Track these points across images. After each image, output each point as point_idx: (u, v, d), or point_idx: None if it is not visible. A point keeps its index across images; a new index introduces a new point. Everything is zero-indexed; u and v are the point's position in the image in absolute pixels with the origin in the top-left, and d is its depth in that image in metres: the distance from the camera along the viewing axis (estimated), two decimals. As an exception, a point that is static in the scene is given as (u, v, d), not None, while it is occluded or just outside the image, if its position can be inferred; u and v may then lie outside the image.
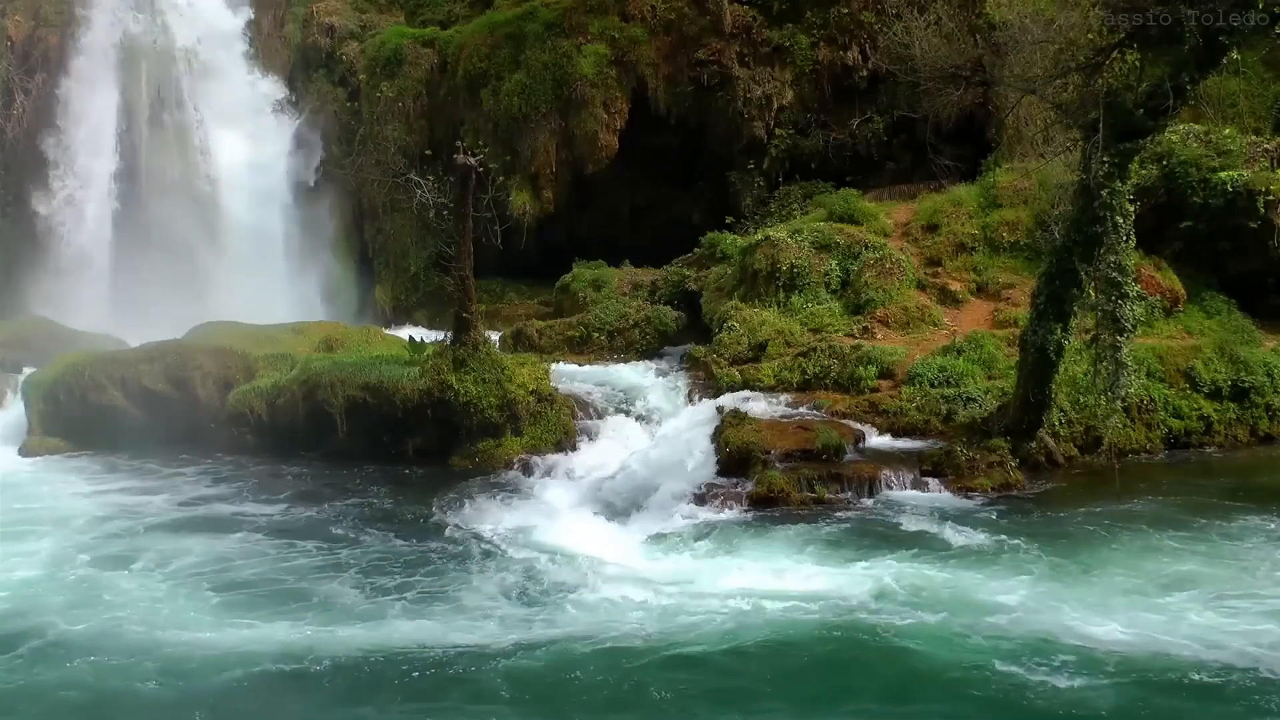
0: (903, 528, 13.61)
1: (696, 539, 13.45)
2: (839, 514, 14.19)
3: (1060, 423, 16.27)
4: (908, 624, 10.71)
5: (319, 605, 11.59)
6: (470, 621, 11.10)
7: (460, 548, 13.42)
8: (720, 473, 15.46)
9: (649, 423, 17.96)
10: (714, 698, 9.50)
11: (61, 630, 10.99)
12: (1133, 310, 14.31)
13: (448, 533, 14.04)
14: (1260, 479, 15.78)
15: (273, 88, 30.45)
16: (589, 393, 19.00)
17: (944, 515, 13.92)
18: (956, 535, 13.21)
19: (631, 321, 22.23)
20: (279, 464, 17.64)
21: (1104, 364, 14.53)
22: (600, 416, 18.25)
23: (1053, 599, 11.22)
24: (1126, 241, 14.19)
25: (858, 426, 16.65)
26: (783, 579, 11.99)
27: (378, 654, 10.32)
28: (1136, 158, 14.45)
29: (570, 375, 19.83)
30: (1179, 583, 11.58)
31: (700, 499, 14.72)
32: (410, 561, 12.94)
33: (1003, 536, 13.09)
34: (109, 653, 10.43)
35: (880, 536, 13.28)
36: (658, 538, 13.58)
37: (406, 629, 10.94)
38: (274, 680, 9.90)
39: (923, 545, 12.93)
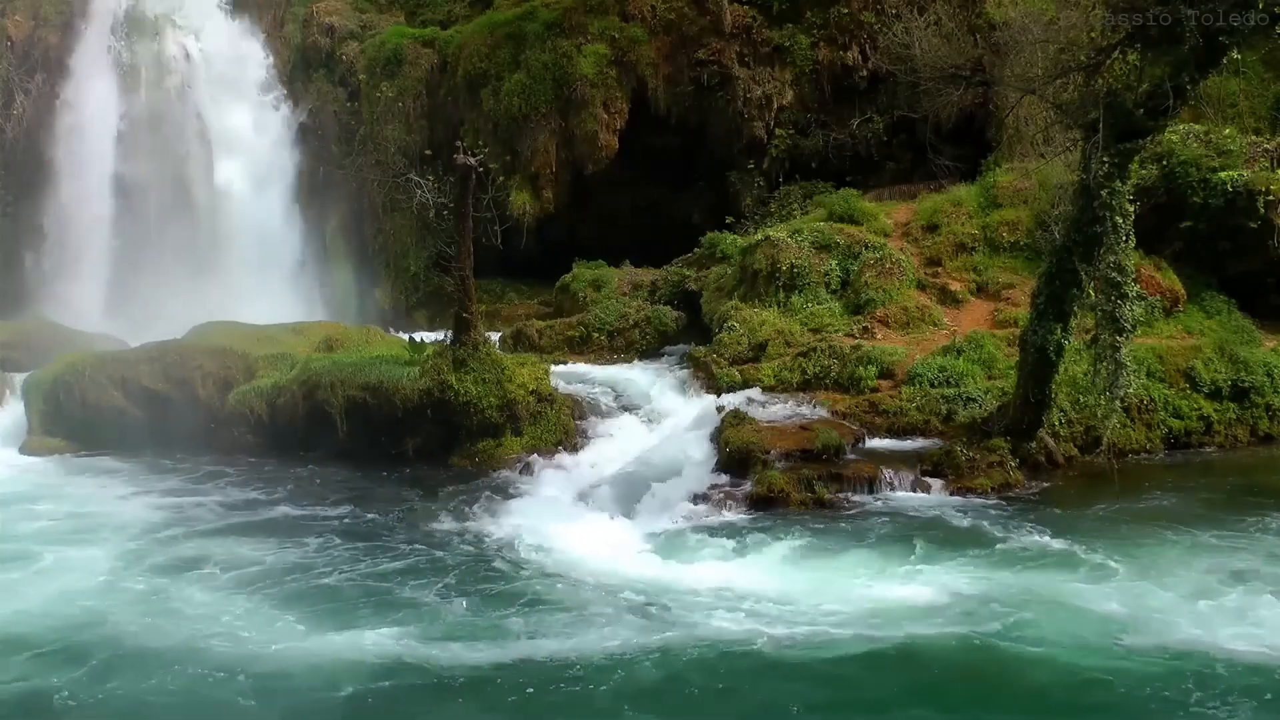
0: (934, 528, 13.50)
1: (698, 539, 13.44)
2: (847, 514, 14.17)
3: (1060, 423, 16.28)
4: (1007, 629, 10.41)
5: (402, 612, 11.31)
6: (505, 627, 10.92)
7: (466, 549, 13.38)
8: (720, 472, 15.46)
9: (649, 423, 17.96)
10: (849, 709, 9.32)
11: (141, 642, 10.64)
12: (1133, 310, 14.31)
13: (450, 534, 14.01)
14: (1264, 478, 15.81)
15: (273, 87, 30.45)
16: (589, 393, 19.00)
17: (961, 515, 13.91)
18: (998, 536, 13.09)
19: (631, 321, 22.24)
20: (281, 464, 17.61)
21: (1104, 364, 14.54)
22: (600, 416, 18.25)
23: (1138, 599, 11.03)
24: (1126, 241, 14.20)
25: (857, 426, 16.66)
26: (837, 585, 11.75)
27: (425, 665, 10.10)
28: (1136, 158, 14.46)
29: (570, 375, 19.83)
30: (1239, 579, 11.48)
31: (700, 499, 14.71)
32: (428, 568, 12.80)
33: (1040, 537, 12.97)
34: (198, 665, 10.09)
35: (911, 537, 13.11)
36: (661, 538, 13.57)
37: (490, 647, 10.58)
38: (385, 694, 9.59)
39: (968, 546, 12.77)
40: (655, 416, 18.10)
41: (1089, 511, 14.03)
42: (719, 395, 17.84)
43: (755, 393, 17.78)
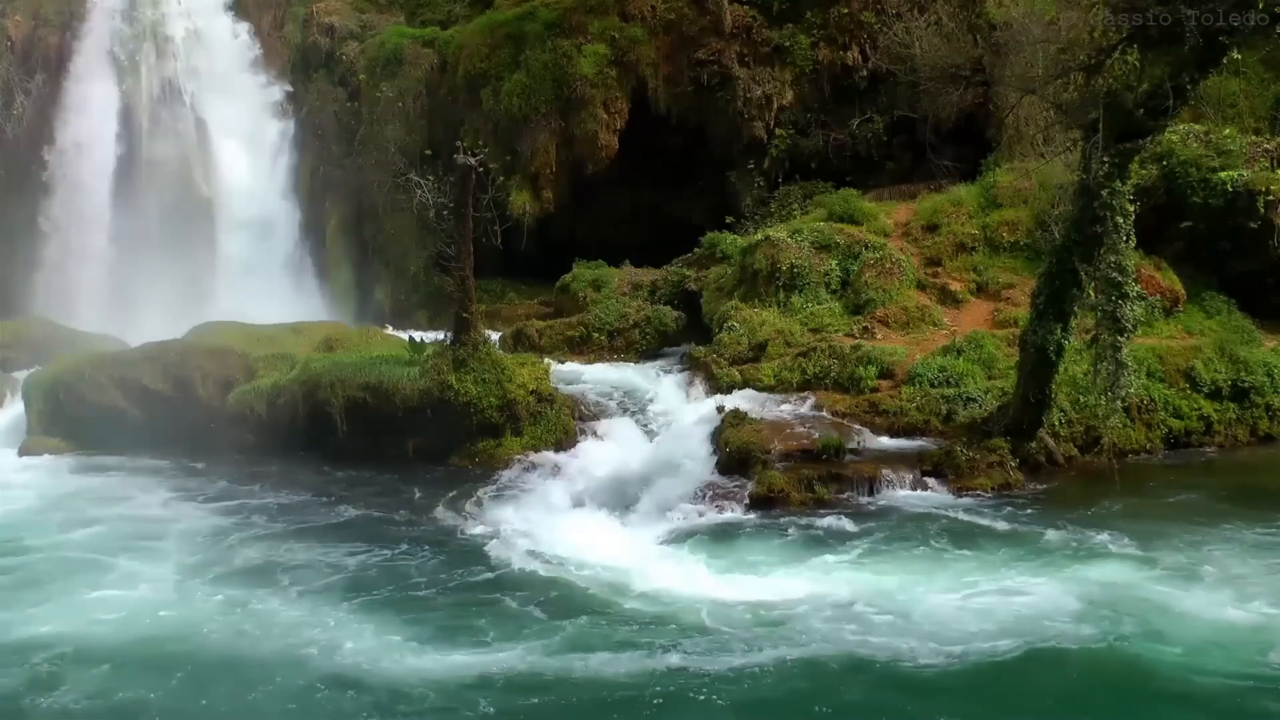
0: (957, 529, 13.49)
1: (700, 539, 13.44)
2: (849, 514, 14.15)
3: (1060, 423, 16.26)
4: (1118, 632, 10.32)
5: (420, 619, 11.24)
6: (519, 633, 10.85)
7: (469, 551, 13.40)
8: (720, 473, 15.46)
9: (649, 423, 17.95)
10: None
11: (230, 652, 10.50)
12: (1133, 310, 14.30)
13: (454, 535, 14.05)
14: (1266, 478, 15.88)
15: (273, 87, 30.45)
16: (589, 393, 19.00)
17: (979, 515, 13.95)
18: (1030, 534, 13.12)
19: (631, 321, 22.23)
20: (282, 465, 17.61)
21: (1104, 364, 14.52)
22: (600, 416, 18.25)
23: (1220, 599, 11.00)
24: (1126, 241, 14.19)
25: (857, 427, 16.65)
26: (895, 591, 11.62)
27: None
28: (1136, 158, 14.45)
29: (570, 375, 19.82)
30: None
31: (701, 499, 14.72)
32: (443, 573, 12.80)
33: (1082, 535, 13.00)
34: (306, 681, 9.85)
35: (939, 538, 13.10)
36: (662, 539, 13.59)
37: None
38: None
39: (1002, 546, 12.76)
40: (655, 417, 18.09)
41: (1112, 509, 14.05)
42: (719, 395, 17.83)
43: (755, 393, 17.77)
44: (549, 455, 17.10)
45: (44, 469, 18.00)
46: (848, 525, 13.73)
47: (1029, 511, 14.14)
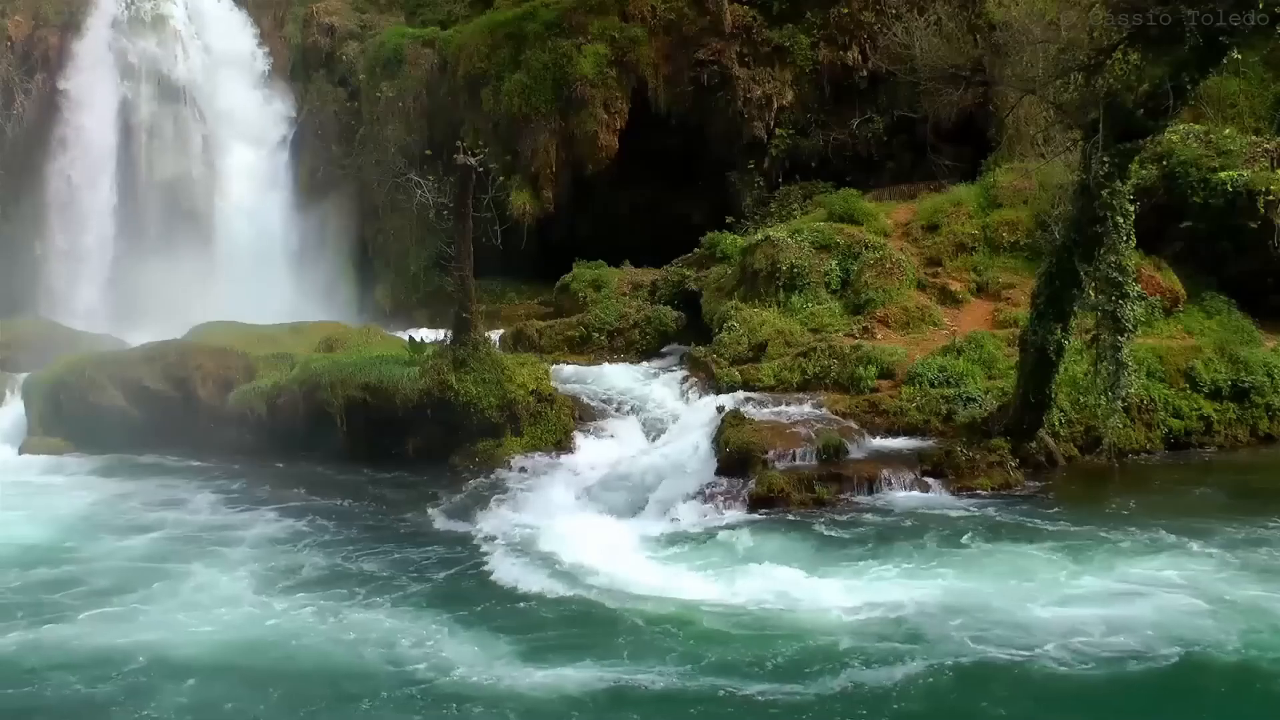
0: (988, 529, 13.43)
1: (702, 540, 13.43)
2: (849, 514, 14.16)
3: (1060, 423, 16.27)
4: (1218, 637, 10.19)
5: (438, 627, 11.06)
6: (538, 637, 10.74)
7: (471, 552, 13.37)
8: (720, 473, 15.44)
9: (649, 423, 17.95)
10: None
11: (322, 665, 10.25)
12: (1133, 310, 14.30)
13: (456, 536, 14.03)
14: (1267, 477, 15.91)
15: (273, 87, 30.46)
16: (589, 393, 19.00)
17: (996, 514, 13.95)
18: (1063, 534, 13.08)
19: (631, 321, 22.23)
20: (283, 465, 17.63)
21: (1104, 364, 14.53)
22: (600, 417, 18.24)
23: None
24: (1127, 241, 14.19)
25: (857, 427, 16.64)
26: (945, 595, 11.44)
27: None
28: (1136, 158, 14.46)
29: (570, 375, 19.82)
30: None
31: (701, 499, 14.72)
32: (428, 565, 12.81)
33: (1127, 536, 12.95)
34: (430, 700, 9.56)
35: (972, 540, 13.00)
36: (663, 539, 13.57)
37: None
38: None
39: (1035, 545, 12.71)
40: (655, 417, 18.08)
41: (1126, 506, 14.08)
42: (719, 395, 17.83)
43: (755, 393, 17.77)
44: (549, 455, 17.08)
45: (59, 470, 17.94)
46: (859, 528, 13.66)
47: (1051, 510, 14.11)
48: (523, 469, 16.68)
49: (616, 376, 19.88)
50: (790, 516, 14.20)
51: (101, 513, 15.37)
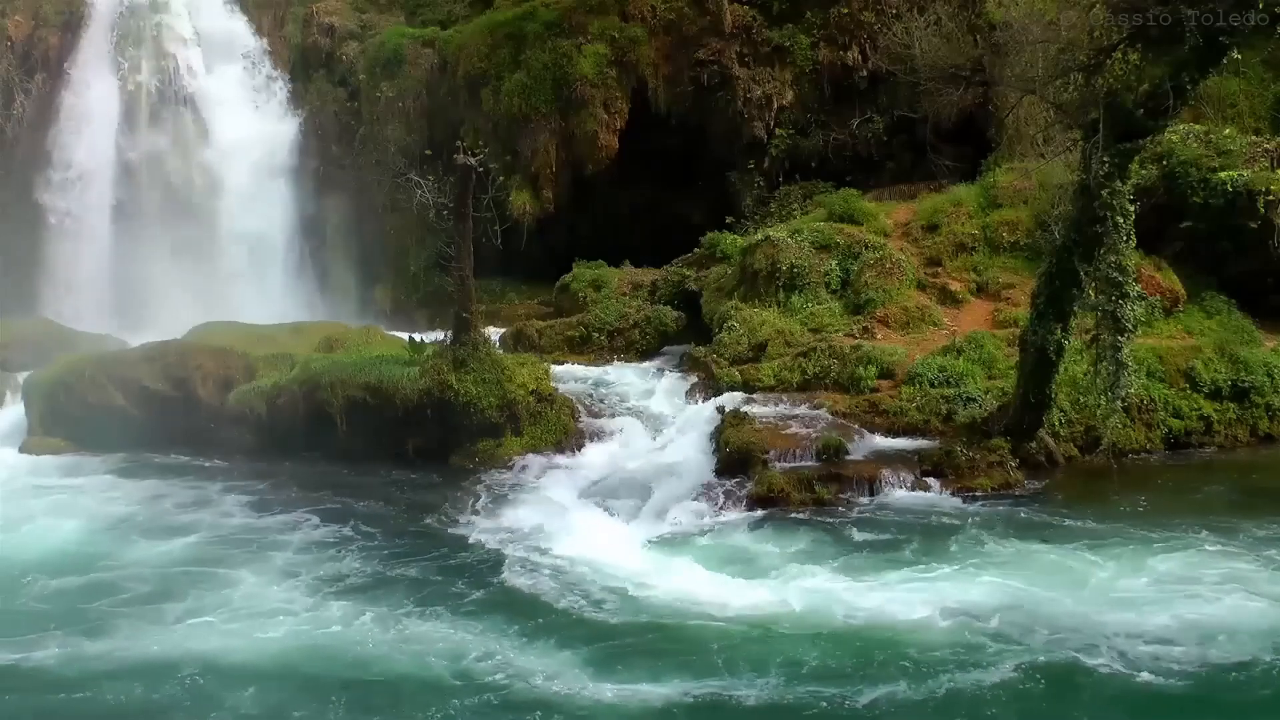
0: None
1: (703, 540, 13.45)
2: (850, 514, 14.17)
3: (1060, 423, 16.27)
4: None
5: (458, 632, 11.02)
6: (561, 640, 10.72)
7: (476, 552, 13.38)
8: (720, 473, 15.46)
9: (649, 423, 17.95)
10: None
11: (385, 672, 10.13)
12: (1133, 310, 14.30)
13: (461, 538, 14.01)
14: (1267, 477, 15.89)
15: (273, 87, 30.46)
16: (589, 393, 19.01)
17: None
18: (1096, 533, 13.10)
19: (631, 321, 22.23)
20: (284, 465, 17.58)
21: (1104, 364, 14.53)
22: (600, 416, 18.25)
23: None
24: (1127, 241, 14.19)
25: (857, 427, 16.64)
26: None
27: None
28: (1136, 158, 14.44)
29: (570, 375, 19.82)
30: None
31: (701, 499, 14.72)
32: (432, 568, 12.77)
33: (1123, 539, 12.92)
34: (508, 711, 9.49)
35: (1004, 542, 12.92)
36: (663, 539, 13.58)
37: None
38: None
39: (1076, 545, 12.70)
40: (656, 417, 18.09)
41: (1141, 505, 14.13)
42: (719, 395, 17.83)
43: (755, 393, 17.77)
44: (549, 455, 17.08)
45: (77, 471, 17.77)
46: (866, 525, 13.70)
47: (1064, 510, 14.12)
48: (523, 469, 16.69)
49: (616, 376, 19.89)
50: (794, 516, 14.19)
51: (131, 514, 15.25)
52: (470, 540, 13.86)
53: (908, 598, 11.42)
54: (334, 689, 9.87)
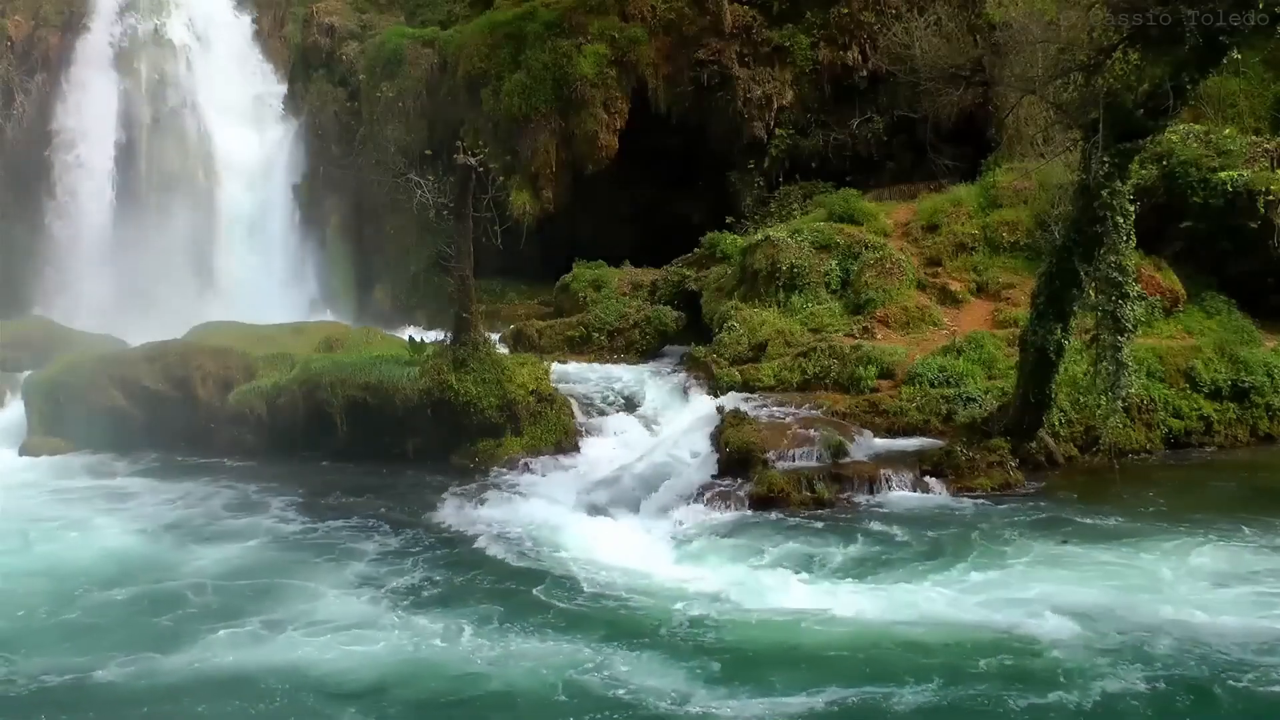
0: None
1: (705, 540, 13.39)
2: (850, 514, 14.15)
3: (1060, 423, 16.27)
4: None
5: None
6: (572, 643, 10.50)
7: (479, 553, 13.30)
8: (720, 473, 15.45)
9: (649, 423, 17.96)
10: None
11: (493, 684, 9.75)
12: (1133, 310, 14.29)
13: (464, 538, 13.94)
14: (1268, 477, 15.90)
15: (273, 87, 30.48)
16: (589, 393, 19.00)
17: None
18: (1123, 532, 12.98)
19: (631, 321, 22.24)
20: (284, 465, 17.59)
21: (1104, 364, 14.52)
22: (600, 416, 18.26)
23: None
24: (1127, 241, 14.18)
25: (857, 426, 16.64)
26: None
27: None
28: (1136, 158, 14.45)
29: (570, 375, 19.82)
30: None
31: (701, 499, 14.71)
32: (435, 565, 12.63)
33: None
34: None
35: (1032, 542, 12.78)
36: (663, 539, 13.56)
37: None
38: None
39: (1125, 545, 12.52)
40: (655, 416, 18.10)
41: (1157, 504, 14.04)
42: (719, 395, 17.84)
43: (755, 393, 17.78)
44: (549, 455, 17.09)
45: (101, 472, 17.72)
46: (875, 525, 13.61)
47: (1082, 509, 14.02)
48: (523, 469, 16.68)
49: (616, 376, 19.88)
50: (796, 515, 14.14)
51: (179, 518, 15.02)
52: (473, 542, 13.79)
53: (965, 599, 11.22)
54: (437, 704, 9.54)
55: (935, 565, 12.27)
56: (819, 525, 13.77)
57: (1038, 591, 11.34)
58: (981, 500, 14.62)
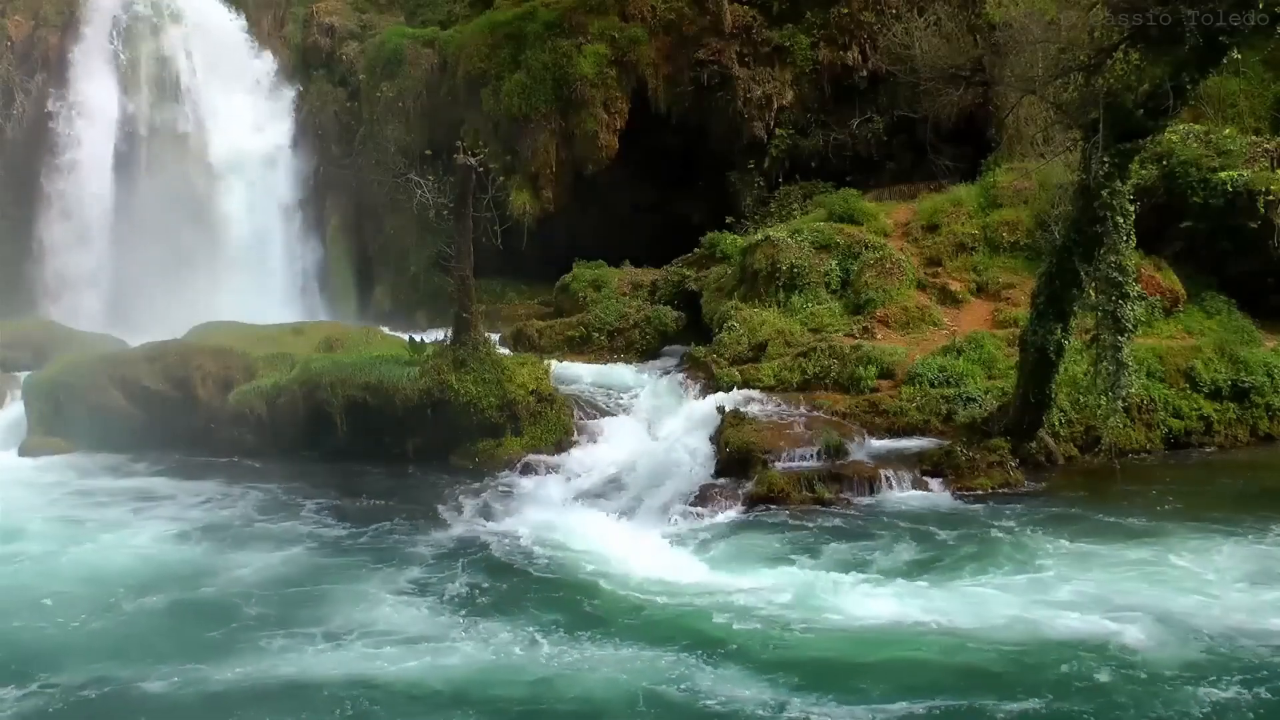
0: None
1: (706, 540, 13.40)
2: (850, 513, 14.14)
3: (1060, 423, 16.27)
4: None
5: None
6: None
7: (482, 554, 13.25)
8: (720, 473, 15.47)
9: (649, 423, 17.94)
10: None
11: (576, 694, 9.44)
12: (1133, 310, 14.30)
13: (467, 538, 13.93)
14: (1268, 477, 15.88)
15: (273, 88, 30.46)
16: (589, 393, 18.99)
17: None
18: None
19: (631, 321, 22.23)
20: (285, 465, 17.57)
21: (1104, 364, 14.52)
22: (600, 416, 18.25)
23: None
24: (1127, 241, 14.19)
25: (858, 426, 16.64)
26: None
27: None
28: (1136, 158, 14.45)
29: (570, 375, 19.81)
30: None
31: (701, 499, 14.71)
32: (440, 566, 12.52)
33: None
34: None
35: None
36: (664, 538, 13.56)
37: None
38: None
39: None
40: (655, 416, 18.08)
41: (1172, 504, 14.02)
42: (719, 395, 17.83)
43: (755, 393, 17.77)
44: (549, 455, 17.08)
45: (120, 472, 17.61)
46: (885, 525, 13.58)
47: (1096, 507, 14.02)
48: (523, 469, 16.67)
49: (616, 376, 19.88)
50: (791, 516, 14.14)
51: (213, 520, 14.80)
52: (476, 542, 13.79)
53: (1024, 600, 11.03)
54: (518, 714, 9.30)
55: (978, 566, 12.12)
56: (832, 524, 13.72)
57: (1091, 592, 11.14)
58: (985, 501, 14.60)
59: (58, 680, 9.84)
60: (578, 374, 20.02)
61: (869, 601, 11.29)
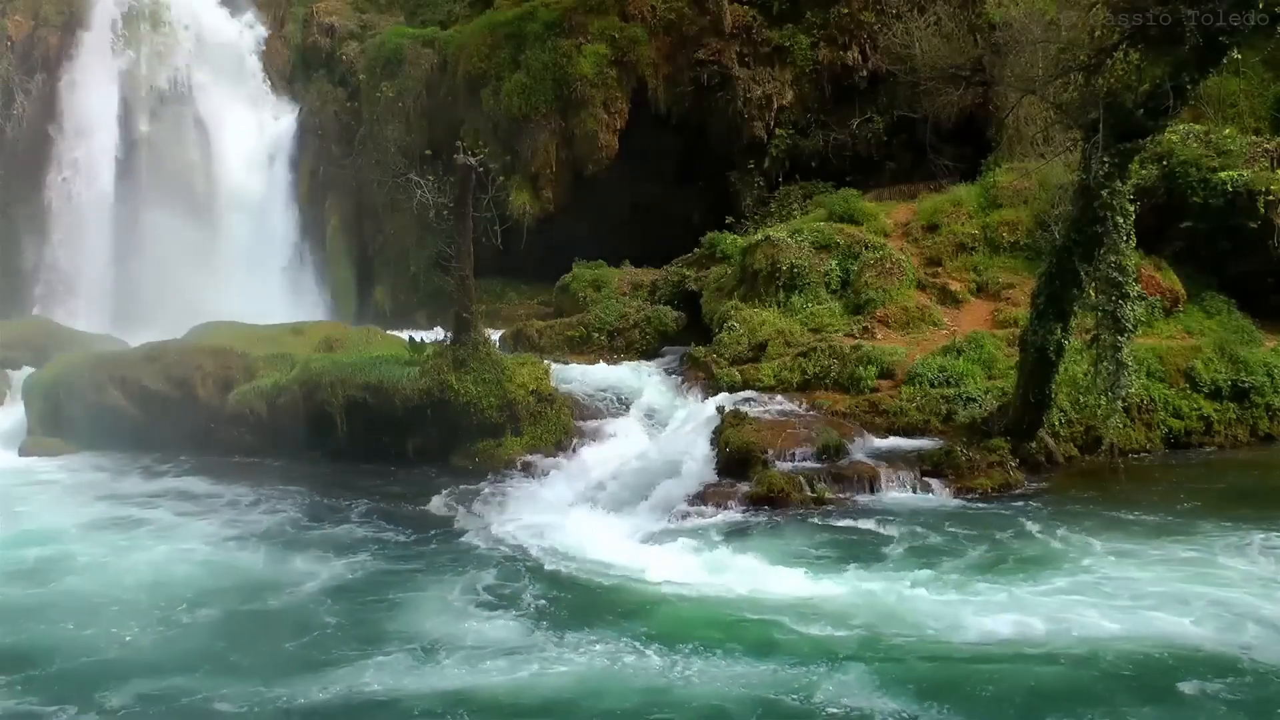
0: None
1: (706, 540, 13.32)
2: (850, 513, 14.11)
3: (1060, 423, 16.27)
4: None
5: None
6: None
7: (485, 554, 13.16)
8: (720, 473, 15.44)
9: (649, 423, 17.94)
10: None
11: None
12: (1133, 310, 14.29)
13: (462, 536, 13.88)
14: (1268, 477, 15.86)
15: (273, 89, 30.48)
16: (589, 393, 18.99)
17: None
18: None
19: (631, 321, 22.23)
20: (285, 465, 17.60)
21: (1104, 364, 14.51)
22: (600, 416, 18.24)
23: None
24: (1127, 241, 14.18)
25: (858, 426, 16.63)
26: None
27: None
28: (1136, 158, 14.44)
29: (570, 375, 19.81)
30: None
31: (701, 499, 14.70)
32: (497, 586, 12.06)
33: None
34: None
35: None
36: (664, 538, 13.53)
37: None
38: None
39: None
40: (655, 416, 18.08)
41: (1187, 505, 13.92)
42: (719, 395, 17.83)
43: (755, 393, 17.76)
44: (549, 455, 17.09)
45: (147, 473, 17.54)
46: (893, 525, 13.47)
47: (1106, 505, 13.93)
48: (523, 469, 16.68)
49: (616, 376, 19.86)
50: (792, 516, 14.13)
51: (262, 526, 14.47)
52: (478, 542, 13.76)
53: (1068, 600, 10.80)
54: None
55: (1015, 567, 11.80)
56: (843, 524, 13.63)
57: (1158, 591, 10.84)
58: (988, 501, 14.58)
59: (125, 696, 9.27)
60: (578, 374, 20.01)
61: (935, 606, 10.73)
